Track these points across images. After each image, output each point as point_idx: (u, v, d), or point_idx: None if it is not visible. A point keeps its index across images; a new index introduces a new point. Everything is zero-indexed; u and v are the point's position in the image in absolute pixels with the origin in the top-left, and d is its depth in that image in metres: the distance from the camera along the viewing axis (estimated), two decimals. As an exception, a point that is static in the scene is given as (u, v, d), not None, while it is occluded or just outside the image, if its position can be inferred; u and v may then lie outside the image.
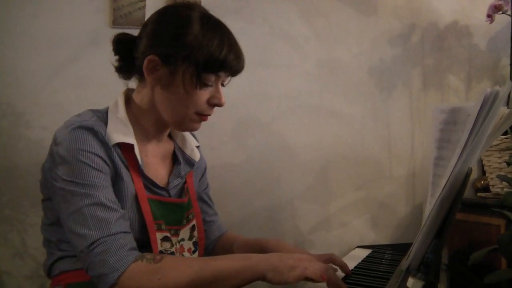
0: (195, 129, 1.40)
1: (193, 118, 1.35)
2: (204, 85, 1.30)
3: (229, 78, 1.39)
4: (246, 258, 1.11)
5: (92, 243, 1.13)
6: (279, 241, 1.51)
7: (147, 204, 1.32)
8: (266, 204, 2.30)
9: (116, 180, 1.29)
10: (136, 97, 1.39)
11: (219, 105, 1.35)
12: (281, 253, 1.14)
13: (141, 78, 1.37)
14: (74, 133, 1.22)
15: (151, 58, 1.29)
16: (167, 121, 1.37)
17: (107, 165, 1.26)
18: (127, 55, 1.39)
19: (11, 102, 2.00)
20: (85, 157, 1.21)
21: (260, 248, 1.48)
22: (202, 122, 1.40)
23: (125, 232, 1.19)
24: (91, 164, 1.21)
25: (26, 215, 1.97)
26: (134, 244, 1.19)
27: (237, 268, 1.09)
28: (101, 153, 1.24)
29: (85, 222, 1.16)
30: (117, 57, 1.41)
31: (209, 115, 1.37)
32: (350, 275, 1.36)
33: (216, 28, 1.31)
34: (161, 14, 1.37)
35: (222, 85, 1.38)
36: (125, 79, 1.43)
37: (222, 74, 1.32)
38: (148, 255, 1.15)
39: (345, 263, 1.38)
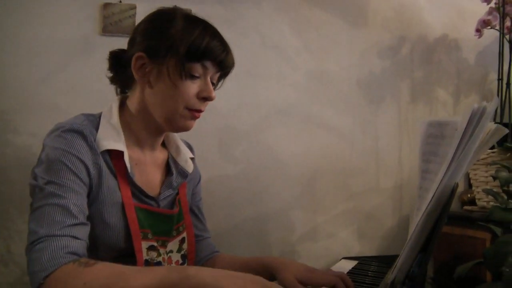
0: (188, 128, 1.37)
1: (183, 114, 1.33)
2: (190, 76, 1.30)
3: (218, 75, 1.39)
4: (182, 270, 1.00)
5: (36, 240, 1.10)
6: (283, 259, 1.44)
7: (133, 212, 1.31)
8: (253, 214, 2.30)
9: (100, 187, 1.28)
10: (128, 103, 1.40)
11: (209, 98, 1.34)
12: (226, 271, 1.01)
13: (133, 84, 1.39)
14: (62, 134, 1.22)
15: (138, 55, 1.31)
16: (158, 121, 1.36)
17: (89, 172, 1.24)
18: (117, 67, 1.41)
19: (-1, 108, 2.00)
20: (67, 159, 1.20)
21: (263, 267, 1.43)
22: (190, 133, 1.40)
23: (74, 237, 1.13)
24: (71, 167, 1.20)
25: (13, 222, 1.96)
26: (79, 250, 1.12)
27: (171, 278, 0.98)
28: (86, 158, 1.24)
29: (41, 219, 1.13)
30: (112, 74, 1.44)
31: (201, 110, 1.36)
32: None
33: (199, 21, 1.34)
34: (148, 16, 1.39)
35: (213, 83, 1.38)
36: (122, 93, 1.45)
37: (208, 64, 1.32)
38: (83, 259, 1.09)
39: (352, 285, 1.32)
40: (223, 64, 1.35)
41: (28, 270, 1.10)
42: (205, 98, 1.34)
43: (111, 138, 1.31)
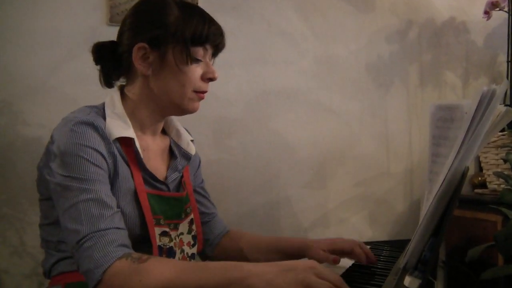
0: (196, 109, 1.40)
1: (191, 97, 1.36)
2: (195, 60, 1.33)
3: (210, 55, 1.41)
4: (238, 269, 1.00)
5: (82, 238, 1.11)
6: (304, 239, 1.55)
7: (146, 199, 1.32)
8: (264, 201, 2.30)
9: (114, 176, 1.28)
10: (128, 93, 1.40)
11: (213, 78, 1.38)
12: (279, 264, 1.00)
13: (129, 73, 1.39)
14: (74, 128, 1.22)
15: (139, 45, 1.31)
16: (166, 106, 1.38)
17: (106, 161, 1.25)
18: (109, 59, 1.40)
19: (8, 100, 2.00)
20: (84, 152, 1.20)
21: (294, 248, 1.53)
22: (198, 122, 1.41)
23: (117, 228, 1.16)
24: (90, 159, 1.20)
25: (25, 214, 1.97)
26: (125, 241, 1.16)
27: (227, 278, 0.99)
28: (101, 148, 1.24)
29: (78, 217, 1.14)
30: (99, 66, 1.43)
31: (206, 91, 1.39)
32: (375, 263, 1.42)
33: (192, 7, 1.37)
34: (136, 6, 1.40)
35: None
36: (108, 87, 1.44)
37: (208, 47, 1.36)
38: (134, 254, 1.11)
39: (369, 251, 1.45)
40: (219, 45, 1.40)
41: (80, 270, 1.12)
42: (210, 78, 1.38)
43: (120, 126, 1.31)
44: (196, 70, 1.34)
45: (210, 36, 1.33)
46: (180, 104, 1.36)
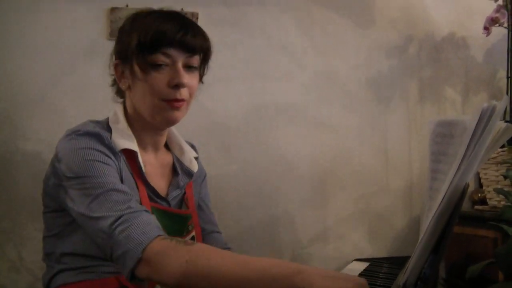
0: (172, 119, 1.34)
1: (161, 106, 1.30)
2: (152, 66, 1.28)
3: (196, 59, 1.35)
4: (283, 266, 0.96)
5: (114, 222, 1.10)
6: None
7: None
8: (263, 217, 2.30)
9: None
10: (127, 107, 1.41)
11: (180, 84, 1.29)
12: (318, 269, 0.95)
13: (121, 89, 1.41)
14: (78, 138, 1.23)
15: (114, 63, 1.35)
16: (147, 120, 1.34)
17: (114, 163, 1.26)
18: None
19: (8, 115, 2.00)
20: (91, 155, 1.21)
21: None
22: (197, 135, 1.39)
23: (147, 211, 1.16)
24: (99, 159, 1.21)
25: (23, 228, 1.96)
26: (159, 225, 1.14)
27: (271, 275, 0.94)
28: (109, 154, 1.25)
29: (103, 205, 1.13)
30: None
31: (177, 99, 1.31)
32: None
33: (155, 12, 1.32)
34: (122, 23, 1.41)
35: (195, 67, 1.35)
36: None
37: (170, 51, 1.28)
38: (179, 238, 1.10)
39: None
40: (185, 45, 1.30)
41: (115, 254, 1.09)
42: (176, 85, 1.30)
43: (124, 139, 1.32)
44: (158, 78, 1.28)
45: (159, 37, 1.26)
46: (152, 114, 1.32)
